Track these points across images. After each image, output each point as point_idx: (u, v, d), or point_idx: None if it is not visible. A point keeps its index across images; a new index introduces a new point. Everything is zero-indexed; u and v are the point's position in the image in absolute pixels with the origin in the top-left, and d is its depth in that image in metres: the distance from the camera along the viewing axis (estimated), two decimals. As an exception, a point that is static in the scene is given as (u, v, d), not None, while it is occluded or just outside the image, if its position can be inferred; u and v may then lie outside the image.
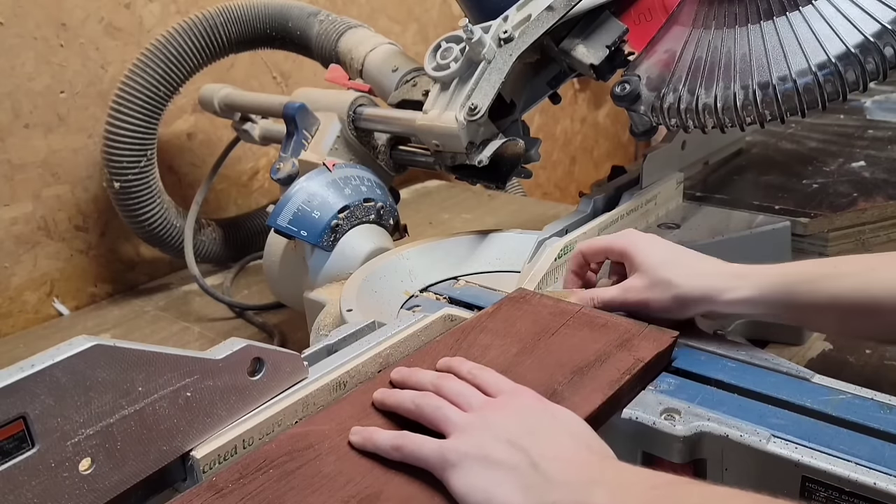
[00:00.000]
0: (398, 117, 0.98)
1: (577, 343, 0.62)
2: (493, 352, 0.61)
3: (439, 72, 0.89)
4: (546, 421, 0.49)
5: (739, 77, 0.67)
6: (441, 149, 0.91)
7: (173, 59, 1.17)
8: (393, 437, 0.50)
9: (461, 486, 0.45)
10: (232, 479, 0.48)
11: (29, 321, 1.25)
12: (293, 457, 0.50)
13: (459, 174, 0.94)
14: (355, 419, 0.53)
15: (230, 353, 0.53)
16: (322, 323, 0.79)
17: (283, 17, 1.23)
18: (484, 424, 0.49)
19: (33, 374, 0.42)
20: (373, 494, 0.47)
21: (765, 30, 0.67)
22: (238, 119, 1.28)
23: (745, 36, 0.68)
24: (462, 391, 0.53)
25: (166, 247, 1.29)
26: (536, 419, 0.49)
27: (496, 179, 0.93)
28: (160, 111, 1.20)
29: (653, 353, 0.60)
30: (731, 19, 0.69)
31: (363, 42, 1.15)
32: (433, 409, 0.51)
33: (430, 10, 1.83)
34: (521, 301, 0.70)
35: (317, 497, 0.47)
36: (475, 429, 0.48)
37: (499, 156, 0.89)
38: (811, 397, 0.57)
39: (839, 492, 0.49)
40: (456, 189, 1.72)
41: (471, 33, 0.84)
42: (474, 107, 0.84)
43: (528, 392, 0.53)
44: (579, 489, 0.43)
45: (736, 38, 0.68)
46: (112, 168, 1.19)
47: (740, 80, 0.67)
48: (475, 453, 0.46)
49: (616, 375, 0.57)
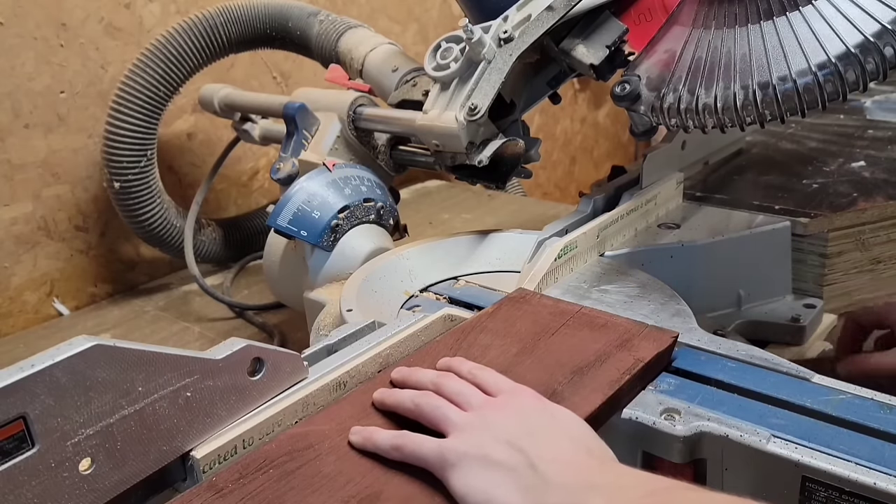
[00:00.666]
0: (398, 117, 0.98)
1: (577, 343, 0.62)
2: (493, 352, 0.61)
3: (439, 72, 0.89)
4: (546, 421, 0.49)
5: (739, 77, 0.67)
6: (441, 149, 0.91)
7: (173, 59, 1.17)
8: (392, 436, 0.50)
9: (461, 486, 0.45)
10: (232, 479, 0.48)
11: (29, 321, 1.25)
12: (293, 457, 0.50)
13: (459, 174, 0.94)
14: (355, 419, 0.53)
15: (230, 353, 0.53)
16: (322, 323, 0.79)
17: (284, 17, 1.23)
18: (483, 424, 0.49)
19: (33, 374, 0.42)
20: (373, 494, 0.47)
21: (765, 30, 0.67)
22: (238, 119, 1.27)
23: (745, 36, 0.68)
24: (462, 390, 0.53)
25: (166, 247, 1.29)
26: (536, 419, 0.49)
27: (496, 179, 0.93)
28: (160, 111, 1.20)
29: (653, 353, 0.60)
30: (731, 19, 0.69)
31: (363, 42, 1.15)
32: (432, 408, 0.51)
33: (430, 10, 1.83)
34: (521, 301, 0.70)
35: (317, 497, 0.46)
36: (475, 428, 0.48)
37: (499, 156, 0.89)
38: (811, 397, 0.57)
39: (839, 492, 0.49)
40: (456, 189, 1.72)
41: (471, 33, 0.84)
42: (474, 107, 0.84)
43: (528, 391, 0.53)
44: (576, 492, 0.43)
45: (736, 38, 0.68)
46: (112, 168, 1.19)
47: (740, 80, 0.66)
48: (474, 453, 0.46)
49: (616, 375, 0.57)
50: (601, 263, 0.84)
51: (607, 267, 0.83)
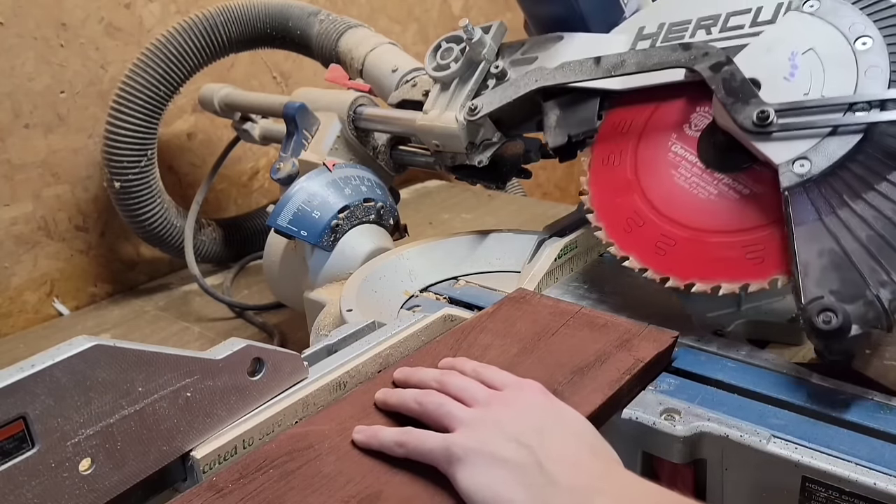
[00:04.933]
0: (398, 117, 0.98)
1: (577, 343, 0.62)
2: (493, 352, 0.61)
3: (439, 72, 0.89)
4: (552, 418, 0.49)
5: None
6: (441, 149, 0.91)
7: (173, 58, 1.17)
8: (397, 433, 0.49)
9: (466, 482, 0.45)
10: (232, 479, 0.48)
11: (29, 321, 1.25)
12: (293, 457, 0.50)
13: (459, 174, 0.94)
14: (355, 419, 0.53)
15: (230, 353, 0.53)
16: (322, 323, 0.79)
17: (284, 17, 1.23)
18: (490, 420, 0.48)
19: (33, 374, 0.42)
20: (373, 494, 0.46)
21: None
22: (238, 119, 1.28)
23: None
24: (466, 386, 0.52)
25: (166, 246, 1.29)
26: (543, 416, 0.49)
27: (496, 180, 0.93)
28: (160, 111, 1.20)
29: (653, 353, 0.60)
30: (850, 193, 0.59)
31: (363, 42, 1.15)
32: (436, 405, 0.51)
33: (430, 10, 1.83)
34: (521, 301, 0.70)
35: (317, 497, 0.46)
36: (481, 424, 0.48)
37: (498, 156, 0.89)
38: (811, 397, 0.57)
39: (839, 492, 0.49)
40: (456, 189, 1.72)
41: (471, 34, 0.84)
42: (474, 107, 0.84)
43: (534, 385, 0.52)
44: (583, 496, 0.43)
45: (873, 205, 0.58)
46: (112, 168, 1.19)
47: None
48: (481, 449, 0.46)
49: (616, 375, 0.57)
50: (601, 263, 0.84)
51: (607, 267, 0.83)
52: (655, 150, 0.73)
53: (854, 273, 0.56)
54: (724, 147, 0.68)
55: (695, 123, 0.72)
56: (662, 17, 0.78)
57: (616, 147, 0.76)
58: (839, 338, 0.54)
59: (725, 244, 0.65)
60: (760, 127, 0.63)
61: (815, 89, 0.63)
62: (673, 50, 0.71)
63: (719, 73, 0.67)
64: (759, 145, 0.64)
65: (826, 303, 0.55)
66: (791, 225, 0.60)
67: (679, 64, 0.70)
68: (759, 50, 0.68)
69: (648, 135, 0.74)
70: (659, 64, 0.72)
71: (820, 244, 0.58)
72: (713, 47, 0.68)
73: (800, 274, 0.58)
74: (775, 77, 0.65)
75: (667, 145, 0.73)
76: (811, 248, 0.58)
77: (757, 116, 0.63)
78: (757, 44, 0.68)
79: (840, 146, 0.61)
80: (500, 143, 0.88)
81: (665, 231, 0.69)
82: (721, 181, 0.68)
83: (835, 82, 0.63)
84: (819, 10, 0.66)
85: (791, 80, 0.65)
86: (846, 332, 0.54)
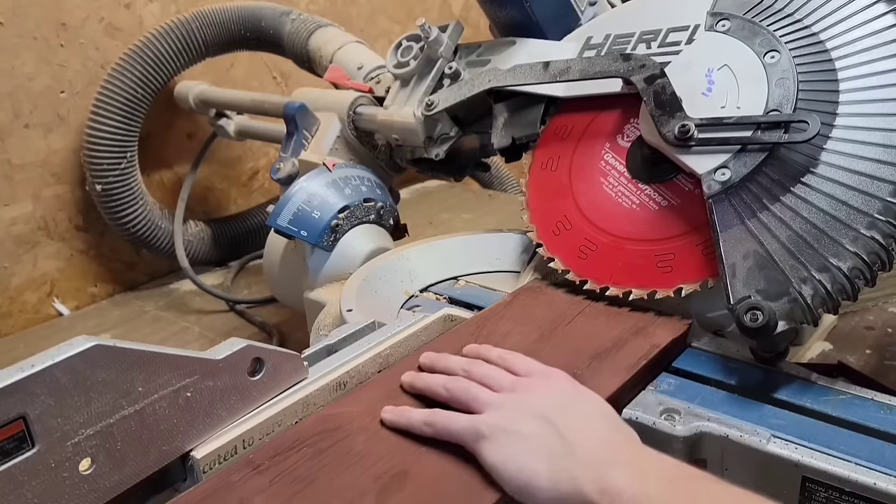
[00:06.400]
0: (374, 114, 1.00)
1: (594, 330, 0.64)
2: (513, 338, 0.63)
3: (399, 69, 0.92)
4: (577, 400, 0.51)
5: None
6: (401, 143, 0.95)
7: (150, 62, 1.19)
8: (425, 413, 0.51)
9: (493, 457, 0.47)
10: (268, 457, 0.49)
11: (29, 321, 1.25)
12: (324, 436, 0.51)
13: (419, 167, 0.98)
14: (382, 401, 0.54)
15: (230, 353, 0.53)
16: (322, 323, 0.79)
17: (257, 18, 1.25)
18: (516, 402, 0.50)
19: (33, 374, 0.42)
20: (402, 472, 0.48)
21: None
22: (213, 115, 1.30)
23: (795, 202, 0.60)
24: (492, 374, 0.54)
25: (151, 248, 1.29)
26: (568, 398, 0.51)
27: (454, 172, 0.98)
28: (140, 114, 1.22)
29: (668, 339, 0.62)
30: (769, 197, 0.61)
31: (332, 40, 1.19)
32: (463, 391, 0.52)
33: (430, 10, 1.82)
34: (537, 291, 0.72)
35: (349, 474, 0.48)
36: (507, 405, 0.50)
37: (455, 150, 0.92)
38: (811, 397, 0.57)
39: (839, 492, 0.49)
40: (456, 189, 1.72)
41: (428, 32, 0.86)
42: (431, 103, 0.87)
43: (560, 374, 0.54)
44: (601, 465, 0.44)
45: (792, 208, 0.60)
46: (93, 170, 1.20)
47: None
48: (507, 426, 0.48)
49: (633, 360, 0.59)
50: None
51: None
52: (590, 158, 0.76)
53: (777, 272, 0.59)
54: (649, 160, 0.72)
55: (627, 134, 0.75)
56: (609, 28, 0.81)
57: (555, 152, 0.79)
58: (766, 334, 0.57)
59: (639, 252, 0.69)
60: (682, 140, 0.66)
61: (731, 103, 0.67)
62: (614, 60, 0.74)
63: (652, 85, 0.69)
64: (682, 157, 0.67)
65: (753, 302, 0.58)
66: (717, 230, 0.63)
67: (618, 73, 0.73)
68: (679, 68, 0.71)
69: (585, 142, 0.78)
70: (600, 72, 0.75)
71: (745, 246, 0.61)
72: (651, 60, 0.71)
73: (727, 276, 0.60)
74: (694, 93, 0.69)
75: (600, 154, 0.76)
76: (737, 251, 0.61)
77: (678, 130, 0.66)
78: (676, 62, 0.72)
79: (754, 157, 0.64)
80: (457, 137, 0.91)
81: (589, 236, 0.73)
82: (643, 192, 0.72)
83: (748, 95, 0.66)
84: (731, 30, 0.70)
85: (708, 95, 0.68)
86: (773, 329, 0.57)
